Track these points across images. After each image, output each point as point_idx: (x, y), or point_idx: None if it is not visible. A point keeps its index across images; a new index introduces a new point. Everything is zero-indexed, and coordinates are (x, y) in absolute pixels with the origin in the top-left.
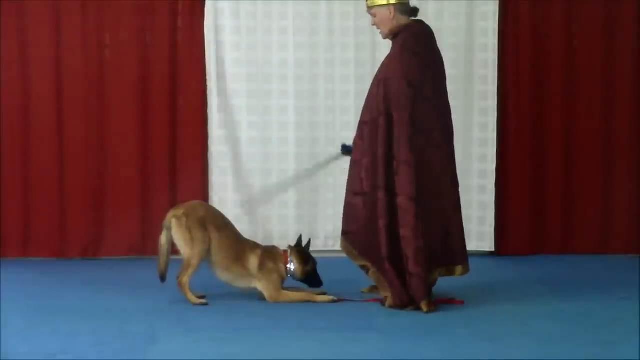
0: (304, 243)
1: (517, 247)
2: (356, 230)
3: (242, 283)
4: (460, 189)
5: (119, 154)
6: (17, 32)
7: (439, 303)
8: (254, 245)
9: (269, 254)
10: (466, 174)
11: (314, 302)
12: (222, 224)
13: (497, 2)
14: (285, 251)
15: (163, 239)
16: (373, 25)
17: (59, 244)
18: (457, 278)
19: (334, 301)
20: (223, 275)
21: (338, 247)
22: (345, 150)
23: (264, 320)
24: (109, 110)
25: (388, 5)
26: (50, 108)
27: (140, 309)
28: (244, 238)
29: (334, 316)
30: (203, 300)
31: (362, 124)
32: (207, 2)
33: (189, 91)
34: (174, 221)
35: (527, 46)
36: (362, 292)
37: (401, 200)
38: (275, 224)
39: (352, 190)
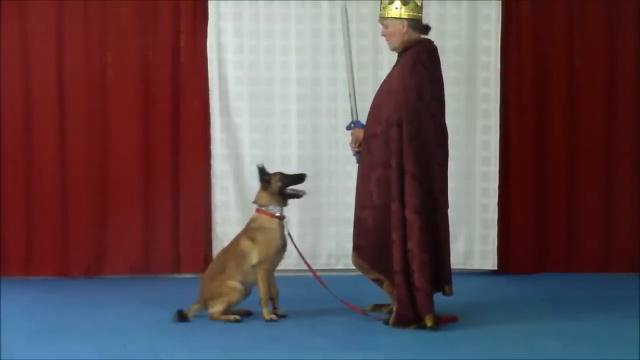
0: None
1: (519, 266)
2: (366, 243)
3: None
4: (463, 207)
5: (121, 173)
6: (19, 52)
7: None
8: (240, 235)
9: (253, 230)
10: (470, 192)
11: (261, 305)
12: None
13: (499, 4)
14: (257, 210)
15: None
16: (382, 35)
17: (61, 263)
18: (459, 296)
19: (272, 320)
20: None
21: (340, 265)
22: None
23: (266, 340)
24: (111, 129)
25: (401, 19)
26: (53, 127)
27: (143, 327)
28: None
29: (337, 336)
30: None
31: (369, 137)
32: (209, 21)
33: (191, 110)
34: None
35: (529, 48)
36: (363, 310)
37: (407, 213)
38: None
39: (360, 204)
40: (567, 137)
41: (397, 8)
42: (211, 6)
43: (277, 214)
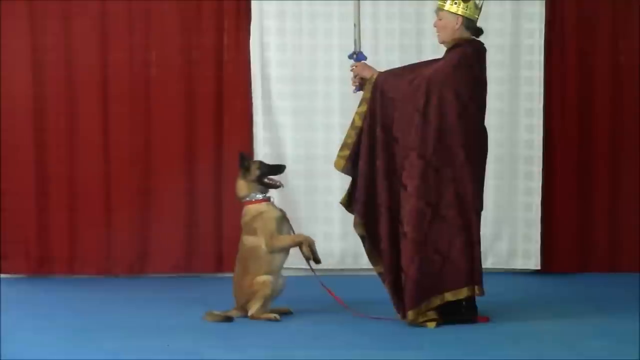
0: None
1: (563, 265)
2: (359, 197)
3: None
4: (506, 206)
5: (164, 172)
6: (63, 50)
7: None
8: (241, 236)
9: (248, 224)
10: (513, 191)
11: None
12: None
13: (543, 3)
14: (244, 203)
15: None
16: (435, 26)
17: (104, 262)
18: (502, 296)
19: (316, 260)
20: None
21: None
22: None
23: (306, 338)
24: (154, 128)
25: (457, 15)
26: (97, 126)
27: (186, 326)
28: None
29: (379, 335)
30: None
31: (391, 94)
32: (252, 20)
33: (234, 109)
34: None
35: (573, 47)
36: None
37: (420, 204)
38: (320, 242)
39: (363, 157)
40: (611, 136)
41: (455, 3)
42: (254, 5)
43: (261, 197)
